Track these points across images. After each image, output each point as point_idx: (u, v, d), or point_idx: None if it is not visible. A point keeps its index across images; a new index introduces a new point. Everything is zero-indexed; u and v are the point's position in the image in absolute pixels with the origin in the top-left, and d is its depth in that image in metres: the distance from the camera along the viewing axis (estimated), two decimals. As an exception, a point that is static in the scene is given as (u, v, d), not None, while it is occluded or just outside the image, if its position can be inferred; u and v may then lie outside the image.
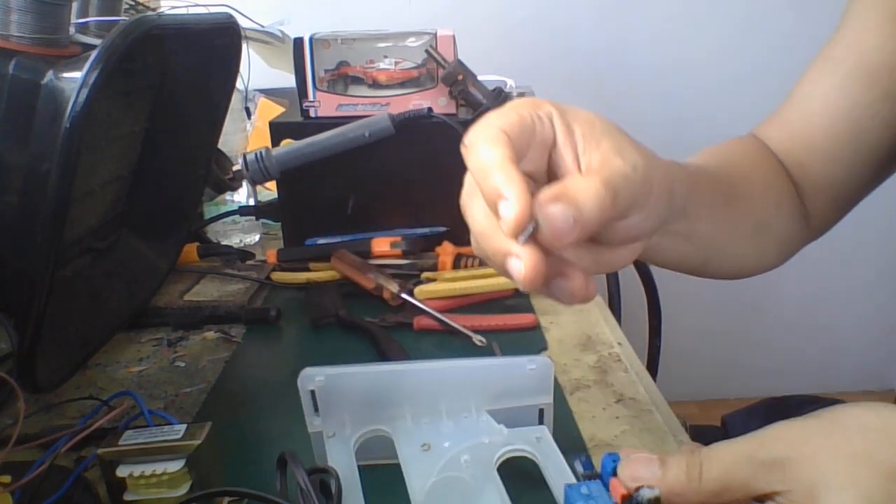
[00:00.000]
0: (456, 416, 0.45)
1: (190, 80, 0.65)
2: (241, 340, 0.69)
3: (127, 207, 0.68)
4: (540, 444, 0.44)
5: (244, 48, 0.65)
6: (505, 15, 1.60)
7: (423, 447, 0.43)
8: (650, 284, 1.07)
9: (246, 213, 0.90)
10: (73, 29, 0.54)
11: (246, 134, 1.06)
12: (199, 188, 0.74)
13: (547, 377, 0.46)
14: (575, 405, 0.56)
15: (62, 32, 0.50)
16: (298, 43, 0.80)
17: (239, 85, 0.84)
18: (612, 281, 1.05)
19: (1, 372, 0.46)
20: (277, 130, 0.81)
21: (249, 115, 1.09)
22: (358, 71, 0.81)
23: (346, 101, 0.81)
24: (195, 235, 0.91)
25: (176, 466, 0.42)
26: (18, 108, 0.46)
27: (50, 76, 0.46)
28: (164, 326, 0.72)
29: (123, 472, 0.42)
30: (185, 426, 0.45)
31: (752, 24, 1.64)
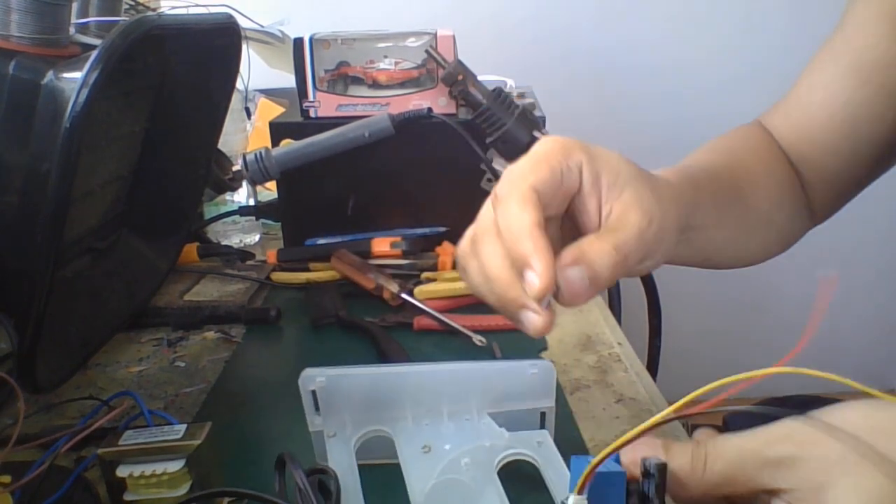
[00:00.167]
0: (457, 418, 0.45)
1: (190, 80, 0.65)
2: (241, 340, 0.69)
3: (127, 207, 0.68)
4: (541, 448, 0.44)
5: (244, 48, 0.65)
6: (505, 15, 1.60)
7: (423, 449, 0.43)
8: (650, 284, 1.07)
9: (246, 213, 0.90)
10: (73, 29, 0.54)
11: (246, 134, 1.06)
12: (199, 188, 0.74)
13: (549, 381, 0.46)
14: (575, 405, 0.56)
15: (62, 32, 0.50)
16: (298, 43, 0.80)
17: (239, 85, 0.84)
18: (612, 281, 1.04)
19: (1, 372, 0.46)
20: (277, 130, 0.81)
21: (249, 115, 1.09)
22: (358, 71, 0.81)
23: (346, 101, 0.81)
24: (195, 235, 0.90)
25: (176, 466, 0.42)
26: (18, 108, 0.46)
27: (50, 76, 0.46)
28: (164, 326, 0.72)
29: (123, 472, 0.42)
30: (185, 426, 0.44)
31: (751, 24, 1.64)
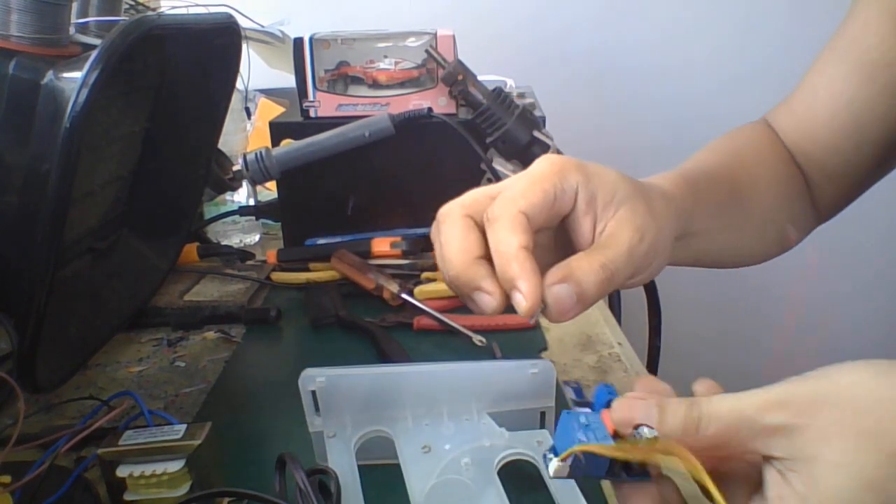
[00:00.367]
0: (457, 418, 0.45)
1: (190, 80, 0.65)
2: (241, 340, 0.69)
3: (127, 207, 0.68)
4: (541, 448, 0.44)
5: (244, 48, 0.65)
6: (505, 15, 1.60)
7: (423, 449, 0.43)
8: (650, 285, 1.07)
9: (246, 213, 0.90)
10: (73, 29, 0.54)
11: (246, 134, 1.06)
12: (199, 188, 0.74)
13: (549, 381, 0.46)
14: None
15: (62, 32, 0.50)
16: (298, 43, 0.79)
17: (239, 85, 0.84)
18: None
19: (1, 372, 0.46)
20: (277, 130, 0.81)
21: (249, 115, 1.09)
22: (358, 71, 0.81)
23: (346, 101, 0.81)
24: (195, 235, 0.90)
25: (176, 466, 0.42)
26: (18, 108, 0.46)
27: (50, 76, 0.46)
28: (164, 326, 0.72)
29: (123, 472, 0.42)
30: (185, 426, 0.45)
31: (751, 24, 1.64)
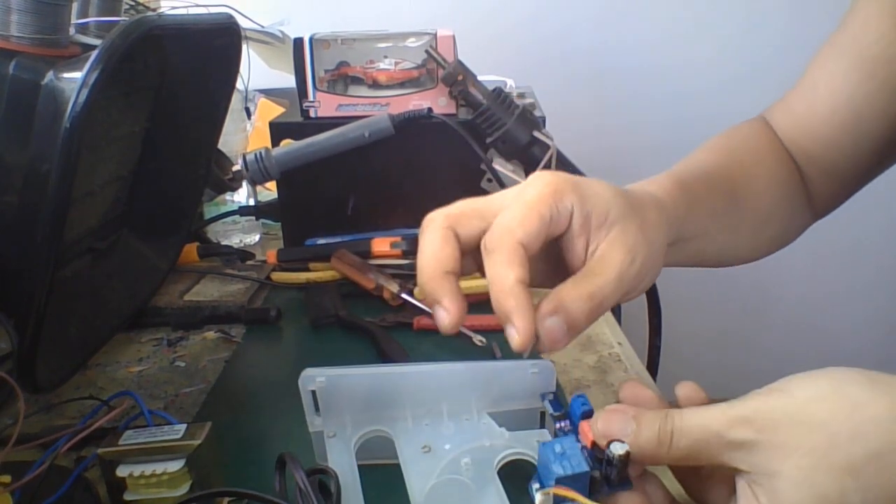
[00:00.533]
0: (457, 418, 0.45)
1: (190, 80, 0.65)
2: (241, 340, 0.69)
3: (127, 207, 0.68)
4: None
5: (244, 48, 0.65)
6: (505, 15, 1.60)
7: (423, 449, 0.43)
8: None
9: (246, 213, 0.90)
10: (73, 29, 0.54)
11: (246, 134, 1.06)
12: (199, 188, 0.74)
13: (549, 380, 0.46)
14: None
15: (62, 33, 0.50)
16: (298, 43, 0.80)
17: (239, 85, 0.84)
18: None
19: (1, 372, 0.46)
20: (277, 130, 0.81)
21: (249, 115, 1.09)
22: (358, 71, 0.81)
23: (346, 101, 0.81)
24: (195, 235, 0.91)
25: (176, 466, 0.42)
26: (18, 108, 0.46)
27: (50, 76, 0.46)
28: (164, 326, 0.72)
29: (123, 472, 0.42)
30: (185, 426, 0.44)
31: (751, 24, 1.64)
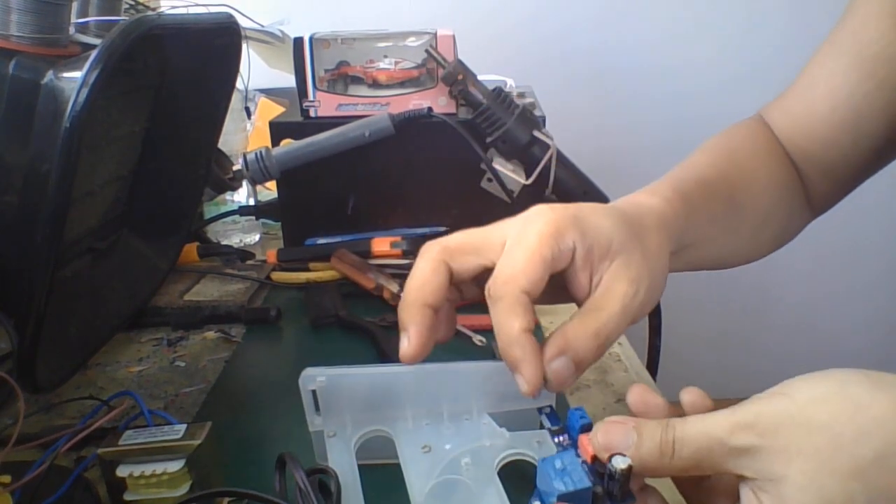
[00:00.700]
0: (457, 418, 0.45)
1: (190, 80, 0.65)
2: (241, 340, 0.69)
3: (127, 207, 0.68)
4: (541, 448, 0.44)
5: (244, 48, 0.65)
6: (505, 14, 1.60)
7: (423, 449, 0.43)
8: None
9: (246, 213, 0.90)
10: (73, 29, 0.54)
11: (246, 134, 1.06)
12: (199, 188, 0.74)
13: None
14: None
15: (62, 32, 0.50)
16: (298, 43, 0.79)
17: (239, 85, 0.84)
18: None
19: (1, 372, 0.46)
20: (277, 130, 0.81)
21: (249, 115, 1.09)
22: (358, 71, 0.81)
23: (346, 101, 0.81)
24: (195, 235, 0.90)
25: (176, 466, 0.42)
26: (18, 108, 0.46)
27: (50, 76, 0.46)
28: (164, 326, 0.72)
29: (123, 472, 0.42)
30: (185, 426, 0.44)
31: (751, 24, 1.64)
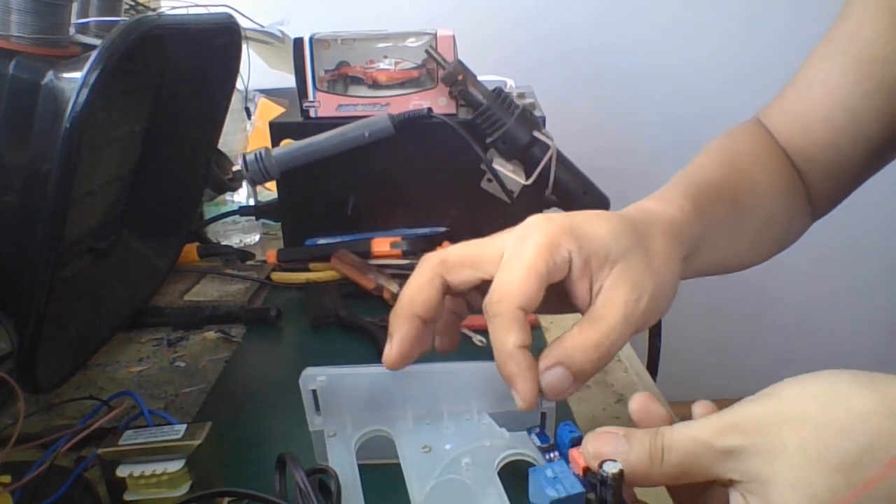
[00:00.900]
0: (457, 418, 0.45)
1: (190, 80, 0.65)
2: (241, 340, 0.69)
3: (127, 207, 0.68)
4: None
5: (244, 48, 0.65)
6: (505, 15, 1.60)
7: (423, 449, 0.43)
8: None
9: (246, 213, 0.90)
10: (73, 29, 0.54)
11: (246, 134, 1.06)
12: (199, 188, 0.74)
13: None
14: (575, 405, 0.56)
15: (62, 32, 0.50)
16: (298, 43, 0.80)
17: (239, 85, 0.84)
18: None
19: (1, 372, 0.46)
20: (277, 130, 0.81)
21: (249, 115, 1.09)
22: (358, 71, 0.81)
23: (346, 101, 0.81)
24: (195, 235, 0.90)
25: (176, 466, 0.42)
26: (18, 108, 0.46)
27: (50, 76, 0.46)
28: (164, 326, 0.72)
29: (123, 472, 0.42)
30: (185, 426, 0.44)
31: (752, 24, 1.65)
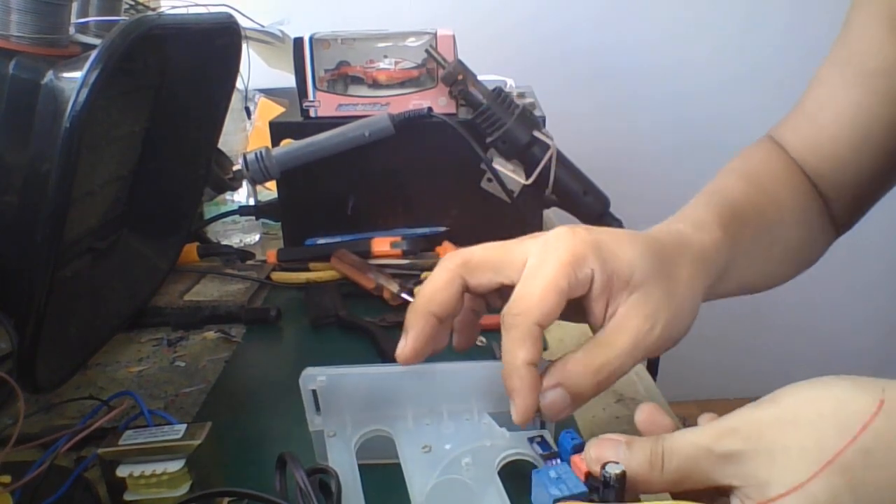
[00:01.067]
0: (457, 418, 0.45)
1: (190, 80, 0.65)
2: (241, 340, 0.69)
3: (127, 207, 0.68)
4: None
5: (244, 48, 0.65)
6: (505, 15, 1.60)
7: (424, 449, 0.43)
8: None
9: (246, 213, 0.90)
10: (73, 29, 0.54)
11: (246, 134, 1.06)
12: (199, 188, 0.74)
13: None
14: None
15: (62, 32, 0.50)
16: (298, 43, 0.80)
17: (239, 85, 0.84)
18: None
19: (1, 372, 0.46)
20: (277, 130, 0.81)
21: (249, 115, 1.09)
22: (358, 71, 0.81)
23: (346, 101, 0.81)
24: (195, 235, 0.90)
25: (176, 466, 0.42)
26: (18, 108, 0.46)
27: (50, 76, 0.46)
28: (164, 326, 0.72)
29: (123, 472, 0.42)
30: (185, 426, 0.44)
31: (751, 24, 1.65)
